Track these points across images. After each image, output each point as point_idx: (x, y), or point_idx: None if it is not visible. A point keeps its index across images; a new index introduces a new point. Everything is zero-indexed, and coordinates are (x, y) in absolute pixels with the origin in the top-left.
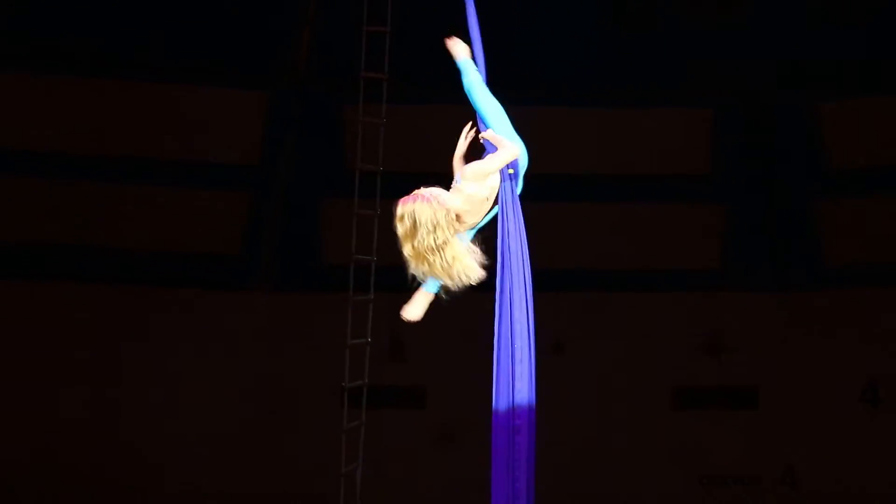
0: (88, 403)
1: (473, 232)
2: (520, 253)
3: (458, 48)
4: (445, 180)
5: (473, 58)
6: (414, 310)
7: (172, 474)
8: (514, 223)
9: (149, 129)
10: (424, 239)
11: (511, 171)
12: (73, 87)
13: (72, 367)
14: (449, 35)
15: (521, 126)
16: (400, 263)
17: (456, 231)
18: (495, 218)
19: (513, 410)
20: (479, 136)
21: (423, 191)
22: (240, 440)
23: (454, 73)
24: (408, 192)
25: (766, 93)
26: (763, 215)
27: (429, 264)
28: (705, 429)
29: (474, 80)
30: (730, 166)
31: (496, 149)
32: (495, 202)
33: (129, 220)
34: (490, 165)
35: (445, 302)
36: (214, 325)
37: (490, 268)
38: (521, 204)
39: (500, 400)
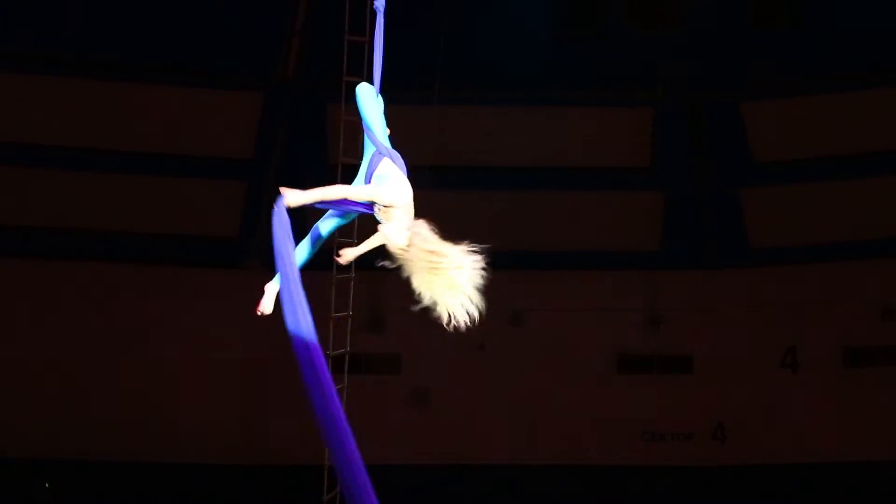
0: (99, 370)
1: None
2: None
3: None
4: (416, 172)
5: (373, 68)
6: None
7: (178, 437)
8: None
9: (157, 126)
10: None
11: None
12: (99, 91)
13: (90, 335)
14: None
15: (484, 124)
16: (378, 248)
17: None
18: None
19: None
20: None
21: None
22: (236, 402)
23: (422, 78)
24: None
25: (698, 94)
26: (696, 203)
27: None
28: (646, 391)
29: (363, 96)
30: (667, 159)
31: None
32: None
33: (141, 207)
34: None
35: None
36: (213, 299)
37: None
38: (483, 193)
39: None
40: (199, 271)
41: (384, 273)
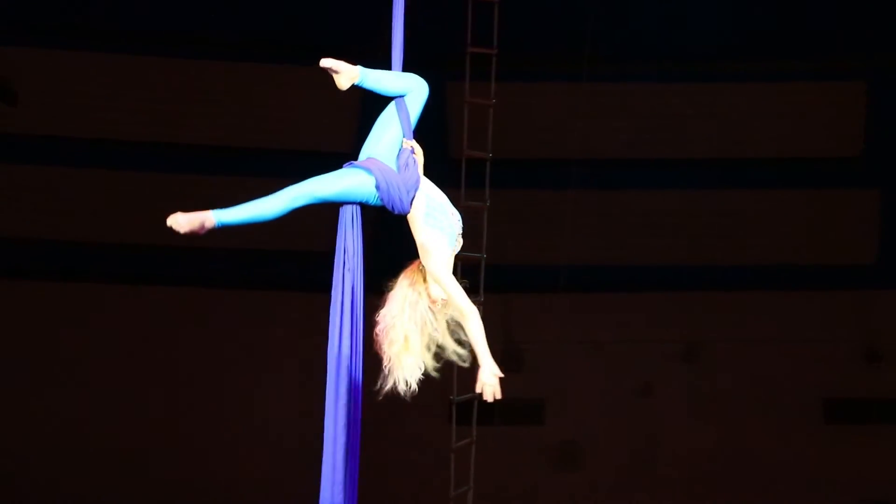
0: (173, 400)
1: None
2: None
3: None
4: (558, 167)
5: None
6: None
7: (260, 479)
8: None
9: (249, 115)
10: None
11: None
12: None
13: (166, 363)
14: None
15: (644, 106)
16: (517, 262)
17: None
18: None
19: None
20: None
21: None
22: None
23: (568, 47)
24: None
25: None
26: None
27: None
28: (863, 445)
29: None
30: (884, 147)
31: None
32: None
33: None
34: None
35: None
36: (308, 326)
37: None
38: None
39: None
40: (289, 293)
41: (521, 297)
